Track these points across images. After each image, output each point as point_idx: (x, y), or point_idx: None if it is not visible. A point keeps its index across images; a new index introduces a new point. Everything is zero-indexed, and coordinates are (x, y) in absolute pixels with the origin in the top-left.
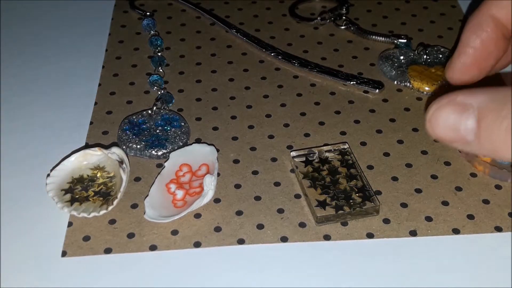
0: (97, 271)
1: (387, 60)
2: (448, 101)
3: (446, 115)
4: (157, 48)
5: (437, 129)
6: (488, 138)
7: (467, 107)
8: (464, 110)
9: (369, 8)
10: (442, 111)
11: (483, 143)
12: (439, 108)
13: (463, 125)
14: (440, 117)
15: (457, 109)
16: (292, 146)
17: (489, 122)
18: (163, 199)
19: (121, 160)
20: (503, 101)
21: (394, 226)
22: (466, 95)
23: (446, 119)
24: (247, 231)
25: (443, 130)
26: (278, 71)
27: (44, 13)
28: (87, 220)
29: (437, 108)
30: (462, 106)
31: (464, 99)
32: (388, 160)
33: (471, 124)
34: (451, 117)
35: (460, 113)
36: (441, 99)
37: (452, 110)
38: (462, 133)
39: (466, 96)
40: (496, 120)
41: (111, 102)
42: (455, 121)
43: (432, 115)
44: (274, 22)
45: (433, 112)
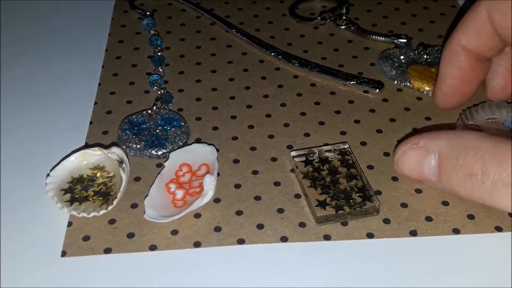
0: (97, 271)
1: (387, 60)
2: (412, 146)
3: (410, 159)
4: (157, 48)
5: (403, 170)
6: (448, 182)
7: (428, 152)
8: (426, 155)
9: (369, 8)
10: (406, 155)
11: (445, 185)
12: (404, 152)
13: (425, 169)
14: (405, 160)
15: (420, 154)
16: (292, 146)
17: (448, 170)
18: (163, 199)
19: (121, 160)
20: (461, 149)
21: (394, 226)
22: (428, 139)
23: (410, 162)
24: (247, 231)
25: (409, 172)
26: (278, 71)
27: (44, 13)
28: (87, 220)
29: (402, 152)
30: (424, 151)
31: (426, 144)
32: (388, 160)
33: (432, 168)
34: (414, 161)
35: (422, 158)
36: (407, 142)
37: (415, 155)
38: (425, 174)
39: (428, 141)
40: (453, 168)
41: (111, 102)
42: (418, 164)
43: (398, 158)
44: (274, 22)
45: (399, 156)
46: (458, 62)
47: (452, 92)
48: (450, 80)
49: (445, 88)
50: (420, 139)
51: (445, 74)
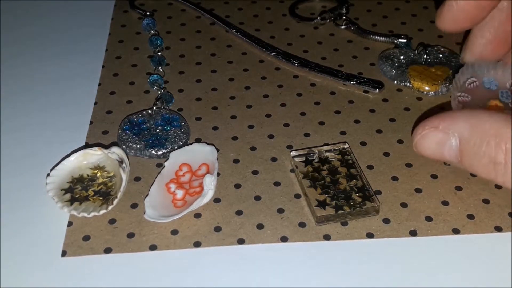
0: (97, 271)
1: (387, 60)
2: (430, 128)
3: (430, 142)
4: (157, 47)
5: (424, 153)
6: (470, 167)
7: (448, 135)
8: (446, 139)
9: (369, 8)
10: (426, 138)
11: (467, 168)
12: (424, 135)
13: (446, 152)
14: (425, 143)
15: (440, 137)
16: (292, 146)
17: (470, 156)
18: (163, 199)
19: (121, 160)
20: (483, 136)
21: (394, 226)
22: (448, 122)
23: (430, 145)
24: (247, 231)
25: (429, 154)
26: (278, 70)
27: (44, 13)
28: (87, 219)
29: (421, 135)
30: (444, 134)
31: (446, 127)
32: (388, 160)
33: (454, 151)
34: (434, 144)
35: (442, 141)
36: (425, 125)
37: (435, 138)
38: (446, 157)
39: (447, 124)
40: (476, 155)
41: (111, 101)
42: (438, 147)
43: (417, 141)
44: (274, 22)
45: (418, 139)
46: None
47: (462, 14)
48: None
49: (455, 8)
50: (439, 121)
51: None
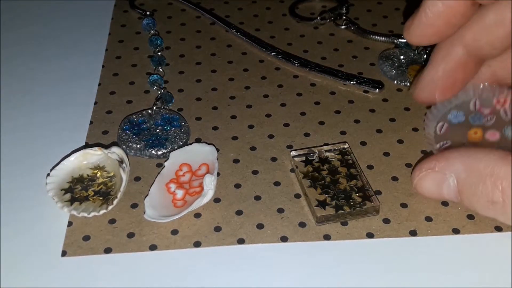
0: (97, 271)
1: (387, 59)
2: (427, 170)
3: (428, 184)
4: (157, 47)
5: (424, 194)
6: (471, 206)
7: (445, 176)
8: (443, 180)
9: (369, 8)
10: (424, 181)
11: (467, 207)
12: (421, 178)
13: (445, 192)
14: (424, 186)
15: (437, 179)
16: (292, 145)
17: (468, 196)
18: (163, 199)
19: (121, 160)
20: (478, 176)
21: (394, 226)
22: (443, 163)
23: (429, 187)
24: (247, 230)
25: (429, 195)
26: (278, 70)
27: (44, 13)
28: (87, 219)
29: (419, 178)
30: (441, 175)
31: (442, 168)
32: (388, 160)
33: (452, 191)
34: (433, 186)
35: (440, 183)
36: (422, 168)
37: (432, 180)
38: (446, 197)
39: (443, 165)
40: (474, 195)
41: (111, 101)
42: (437, 189)
43: (416, 184)
44: (274, 21)
45: (417, 182)
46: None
47: (431, 29)
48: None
49: (423, 22)
50: (435, 162)
51: (430, 8)
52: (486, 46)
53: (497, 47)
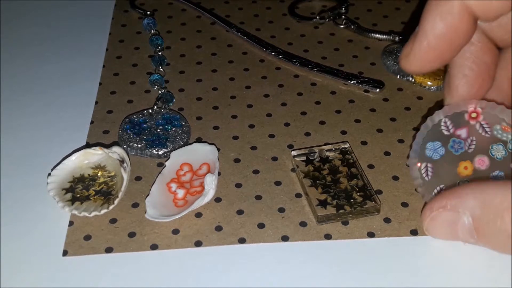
0: (98, 271)
1: (390, 54)
2: (439, 209)
3: (441, 225)
4: (158, 47)
5: (436, 236)
6: (489, 245)
7: (459, 214)
8: (457, 219)
9: (369, 7)
10: (436, 221)
11: (485, 246)
12: (433, 218)
13: (460, 232)
14: (436, 227)
15: (450, 218)
16: (292, 145)
17: (486, 234)
18: (164, 198)
19: (122, 159)
20: (495, 211)
21: (395, 225)
22: (455, 200)
23: (441, 228)
24: (248, 230)
25: (442, 237)
26: (278, 70)
27: (44, 13)
28: (88, 219)
29: (430, 218)
30: (454, 213)
31: (454, 206)
32: (389, 159)
33: (467, 230)
34: (445, 225)
35: (454, 222)
36: (432, 207)
37: (445, 219)
38: (460, 237)
39: (455, 203)
40: (492, 232)
41: (111, 101)
42: (450, 228)
43: (428, 225)
44: (275, 21)
45: (428, 222)
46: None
47: (433, 53)
48: (435, 39)
49: (425, 47)
50: (446, 200)
51: (431, 31)
52: (497, 29)
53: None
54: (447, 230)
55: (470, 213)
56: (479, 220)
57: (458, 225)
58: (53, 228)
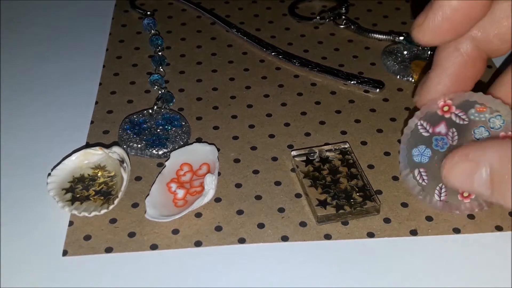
0: (98, 270)
1: (390, 54)
2: (460, 159)
3: (460, 173)
4: (158, 47)
5: (453, 183)
6: (502, 198)
7: (479, 165)
8: (476, 169)
9: (369, 7)
10: (455, 168)
11: (498, 200)
12: (453, 165)
13: (476, 183)
14: (455, 174)
15: (469, 167)
16: (292, 145)
17: (501, 186)
18: (164, 198)
19: (122, 159)
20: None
21: (395, 225)
22: (478, 152)
23: (459, 176)
24: (247, 230)
25: (459, 185)
26: (278, 70)
27: (44, 13)
28: (88, 219)
29: (451, 164)
30: (474, 164)
31: (475, 157)
32: (389, 160)
33: (484, 182)
34: (464, 174)
35: (472, 172)
36: (455, 155)
37: (464, 168)
38: (476, 188)
39: (477, 154)
40: (507, 185)
41: (111, 101)
42: (468, 178)
43: (447, 172)
44: (275, 21)
45: (448, 170)
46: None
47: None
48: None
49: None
50: (469, 151)
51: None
52: (496, 40)
53: (506, 40)
54: (464, 179)
55: (490, 165)
56: (497, 171)
57: (476, 175)
58: (53, 228)
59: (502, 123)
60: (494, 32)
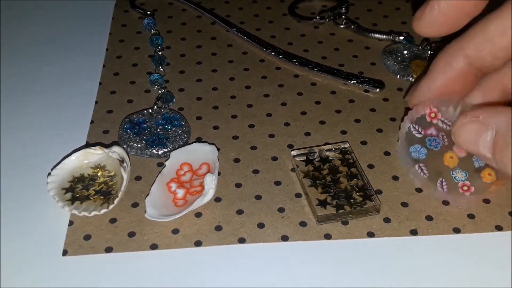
0: (98, 270)
1: (390, 54)
2: (471, 119)
3: (467, 133)
4: (158, 47)
5: (460, 143)
6: (501, 160)
7: (487, 127)
8: (484, 131)
9: (369, 7)
10: (464, 128)
11: (498, 162)
12: (462, 125)
13: (481, 144)
14: (462, 134)
15: (477, 129)
16: (292, 145)
17: (501, 147)
18: (164, 198)
19: (121, 159)
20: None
21: (395, 225)
22: (488, 114)
23: (467, 136)
24: (247, 230)
25: (465, 145)
26: (278, 70)
27: (44, 13)
28: (88, 219)
29: (461, 124)
30: (483, 126)
31: (485, 118)
32: (389, 159)
33: (488, 144)
34: (471, 135)
35: (479, 133)
36: (467, 115)
37: (472, 129)
38: (480, 150)
39: (487, 116)
40: (506, 146)
41: (111, 101)
42: (474, 139)
43: (456, 130)
44: (275, 21)
45: (457, 128)
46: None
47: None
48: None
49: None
50: (481, 112)
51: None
52: (488, 57)
53: (499, 57)
54: (470, 139)
55: (496, 128)
56: (500, 133)
57: (482, 137)
58: (53, 228)
59: None
60: (486, 49)
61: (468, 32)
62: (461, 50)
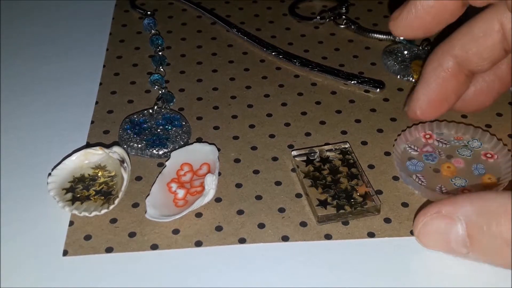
0: (98, 270)
1: (391, 54)
2: (433, 215)
3: (434, 231)
4: (158, 47)
5: (428, 244)
6: (483, 253)
7: (454, 220)
8: (451, 225)
9: (369, 7)
10: (429, 226)
11: (477, 256)
12: (426, 223)
13: (453, 240)
14: (429, 232)
15: (444, 223)
16: (293, 145)
17: (480, 240)
18: (164, 198)
19: (122, 159)
20: (491, 216)
21: (395, 225)
22: (450, 207)
23: (434, 234)
24: (248, 230)
25: (434, 245)
26: (279, 70)
27: (44, 13)
28: (88, 219)
29: (423, 223)
30: (449, 219)
31: (449, 212)
32: (389, 159)
33: (461, 238)
34: (438, 232)
35: (447, 228)
36: (426, 212)
37: (439, 225)
38: (453, 246)
39: (450, 208)
40: (487, 237)
41: (112, 101)
42: (443, 236)
43: (420, 231)
44: (275, 21)
45: (420, 228)
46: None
47: (418, 21)
48: (423, 10)
49: (412, 15)
50: (440, 207)
51: (420, 1)
52: (474, 57)
53: (485, 58)
54: (439, 239)
55: (465, 219)
56: (474, 225)
57: (452, 233)
58: (53, 228)
59: (480, 144)
60: (472, 50)
61: (455, 33)
62: (449, 50)
